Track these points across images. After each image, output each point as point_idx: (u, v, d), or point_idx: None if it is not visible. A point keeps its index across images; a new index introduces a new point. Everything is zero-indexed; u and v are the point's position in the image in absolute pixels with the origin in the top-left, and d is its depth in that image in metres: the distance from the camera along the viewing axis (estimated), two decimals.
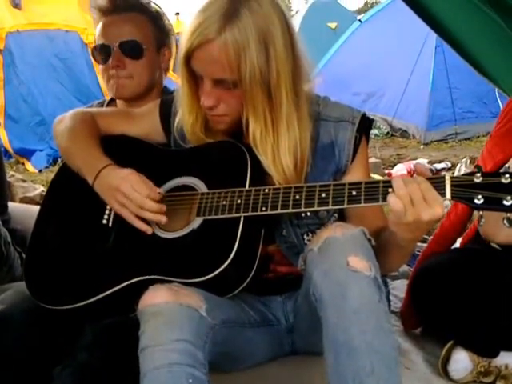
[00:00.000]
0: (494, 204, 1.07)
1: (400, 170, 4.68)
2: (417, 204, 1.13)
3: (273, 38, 1.27)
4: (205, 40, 1.25)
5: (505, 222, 1.08)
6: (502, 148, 1.66)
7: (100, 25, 1.83)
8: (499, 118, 1.79)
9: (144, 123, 1.55)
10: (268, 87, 1.29)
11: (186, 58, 1.30)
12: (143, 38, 1.80)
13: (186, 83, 1.36)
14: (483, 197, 1.08)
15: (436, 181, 1.14)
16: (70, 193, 1.53)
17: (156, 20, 1.86)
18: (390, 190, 1.16)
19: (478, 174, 1.10)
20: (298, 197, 1.24)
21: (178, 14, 15.77)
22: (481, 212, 1.12)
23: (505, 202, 1.06)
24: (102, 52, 1.82)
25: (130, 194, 1.33)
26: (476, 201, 1.09)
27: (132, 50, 1.79)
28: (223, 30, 1.23)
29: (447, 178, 1.13)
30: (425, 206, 1.12)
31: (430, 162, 5.01)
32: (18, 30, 5.77)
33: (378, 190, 1.18)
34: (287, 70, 1.30)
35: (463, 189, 1.10)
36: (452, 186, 1.12)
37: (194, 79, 1.34)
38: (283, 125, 1.32)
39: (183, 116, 1.42)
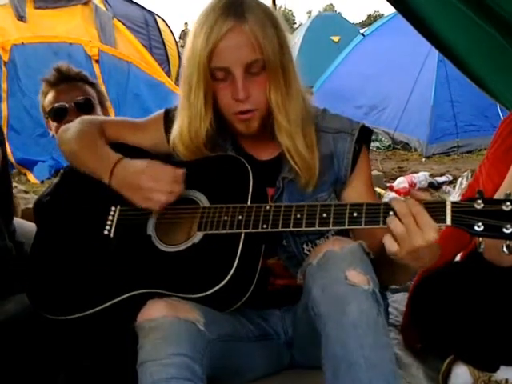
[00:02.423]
0: (493, 231, 1.07)
1: (401, 183, 4.67)
2: (411, 231, 1.13)
3: (278, 24, 1.37)
4: (229, 28, 1.30)
5: (504, 249, 1.07)
6: (498, 170, 1.66)
7: (51, 93, 2.11)
8: (494, 139, 1.79)
9: (149, 134, 1.56)
10: (283, 65, 1.36)
11: (207, 61, 1.32)
12: (91, 97, 2.12)
13: (202, 91, 1.36)
14: (483, 224, 1.08)
15: (436, 206, 1.14)
16: (71, 203, 1.54)
17: (95, 86, 2.20)
18: (391, 212, 1.16)
19: (479, 201, 1.09)
20: (299, 216, 1.25)
21: (186, 23, 15.96)
22: (480, 238, 1.11)
23: (504, 230, 1.06)
24: (59, 112, 2.07)
25: (154, 187, 1.33)
26: (476, 227, 1.08)
27: (85, 106, 2.08)
28: (242, 18, 1.31)
29: (448, 203, 1.13)
30: (419, 232, 1.12)
31: (431, 176, 5.00)
32: (22, 43, 5.82)
33: (379, 213, 1.18)
34: (291, 54, 1.40)
35: (464, 215, 1.10)
36: (453, 211, 1.11)
37: (213, 87, 1.36)
38: (294, 100, 1.39)
39: (183, 128, 1.42)
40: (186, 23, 16.15)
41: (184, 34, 15.06)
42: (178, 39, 15.22)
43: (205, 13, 1.34)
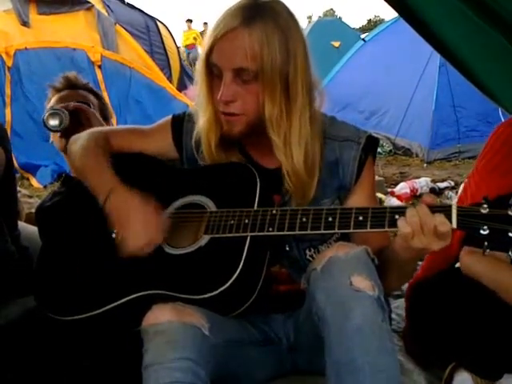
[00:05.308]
0: (499, 235, 1.08)
1: (403, 188, 4.67)
2: (428, 234, 1.15)
3: (293, 37, 1.33)
4: (230, 29, 1.30)
5: (510, 253, 1.09)
6: (487, 183, 1.67)
7: (54, 98, 2.10)
8: (484, 151, 1.79)
9: (157, 140, 1.57)
10: (286, 79, 1.34)
11: (207, 54, 1.34)
12: (91, 104, 2.08)
13: (204, 84, 1.38)
14: (489, 228, 1.09)
15: (442, 209, 1.15)
16: (80, 206, 1.55)
17: (100, 98, 2.19)
18: (396, 216, 1.18)
19: (485, 205, 1.11)
20: (304, 219, 1.26)
21: (206, 23, 15.97)
22: (486, 243, 1.12)
23: (510, 234, 1.07)
24: None
25: (137, 231, 1.34)
26: (481, 231, 1.10)
27: None
28: (248, 22, 1.30)
29: (454, 207, 1.14)
30: (435, 237, 1.14)
31: (433, 181, 4.99)
32: (26, 48, 5.83)
33: (384, 217, 1.20)
34: (304, 68, 1.36)
35: (469, 219, 1.11)
36: (458, 215, 1.13)
37: (211, 81, 1.37)
38: (296, 117, 1.36)
39: (201, 122, 1.44)
40: (205, 23, 16.08)
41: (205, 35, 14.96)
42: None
43: (227, 9, 1.35)
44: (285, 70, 1.33)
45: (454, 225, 1.13)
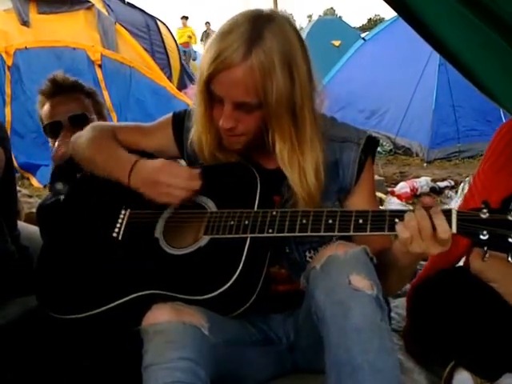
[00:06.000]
0: (498, 240, 1.09)
1: (403, 187, 4.67)
2: (426, 239, 1.15)
3: (295, 59, 1.30)
4: (230, 65, 1.26)
5: (509, 259, 1.09)
6: (496, 183, 1.67)
7: (47, 105, 2.02)
8: (489, 152, 1.79)
9: (158, 137, 1.57)
10: (293, 109, 1.32)
11: (206, 81, 1.32)
12: (87, 111, 2.02)
13: (202, 104, 1.38)
14: (488, 233, 1.09)
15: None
16: (82, 205, 1.56)
17: (93, 96, 2.11)
18: (396, 220, 1.18)
19: (485, 210, 1.11)
20: (304, 221, 1.26)
21: (208, 23, 15.95)
22: (485, 248, 1.12)
23: (510, 240, 1.07)
24: (54, 128, 2.00)
25: (172, 183, 1.35)
26: (481, 236, 1.10)
27: (80, 120, 1.96)
28: (249, 55, 1.26)
29: (454, 212, 1.14)
30: (434, 242, 1.14)
31: (433, 180, 5.00)
32: (26, 47, 5.84)
33: (384, 220, 1.20)
34: (309, 91, 1.34)
35: (469, 224, 1.11)
36: (458, 220, 1.13)
37: (211, 101, 1.36)
38: (307, 145, 1.36)
39: (197, 135, 1.44)
40: (207, 23, 16.05)
41: (206, 35, 14.94)
42: (199, 41, 15.27)
43: (226, 29, 1.30)
44: (291, 98, 1.31)
45: (454, 230, 1.13)
